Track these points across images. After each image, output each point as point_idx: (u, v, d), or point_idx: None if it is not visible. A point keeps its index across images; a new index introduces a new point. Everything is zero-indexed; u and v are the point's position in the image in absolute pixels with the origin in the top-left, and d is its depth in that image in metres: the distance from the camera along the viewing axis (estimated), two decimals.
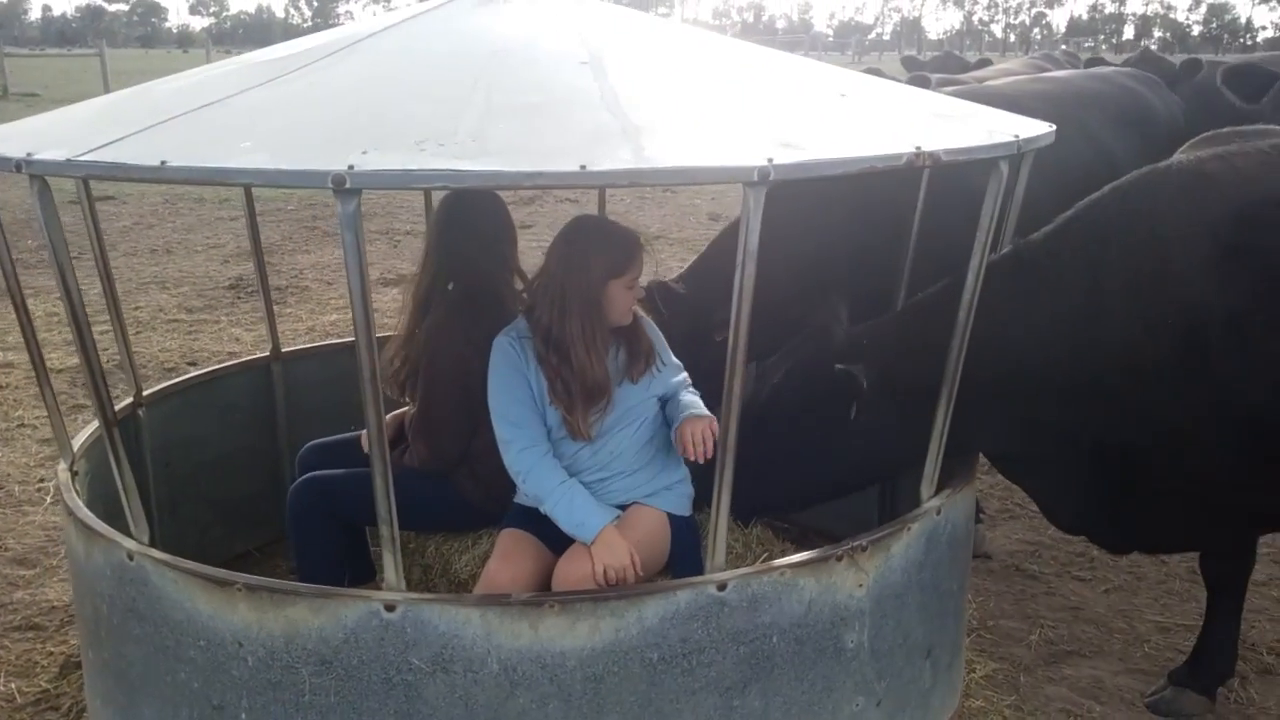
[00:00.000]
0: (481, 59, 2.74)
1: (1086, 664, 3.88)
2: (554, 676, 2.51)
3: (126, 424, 3.84)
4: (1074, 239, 3.04)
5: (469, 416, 3.36)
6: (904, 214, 3.96)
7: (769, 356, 3.56)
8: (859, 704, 2.86)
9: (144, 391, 4.05)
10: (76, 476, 3.33)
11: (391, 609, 2.49)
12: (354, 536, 3.68)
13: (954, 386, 2.92)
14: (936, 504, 3.00)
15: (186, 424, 4.23)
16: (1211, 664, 3.56)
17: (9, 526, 4.95)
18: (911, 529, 2.89)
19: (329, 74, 2.76)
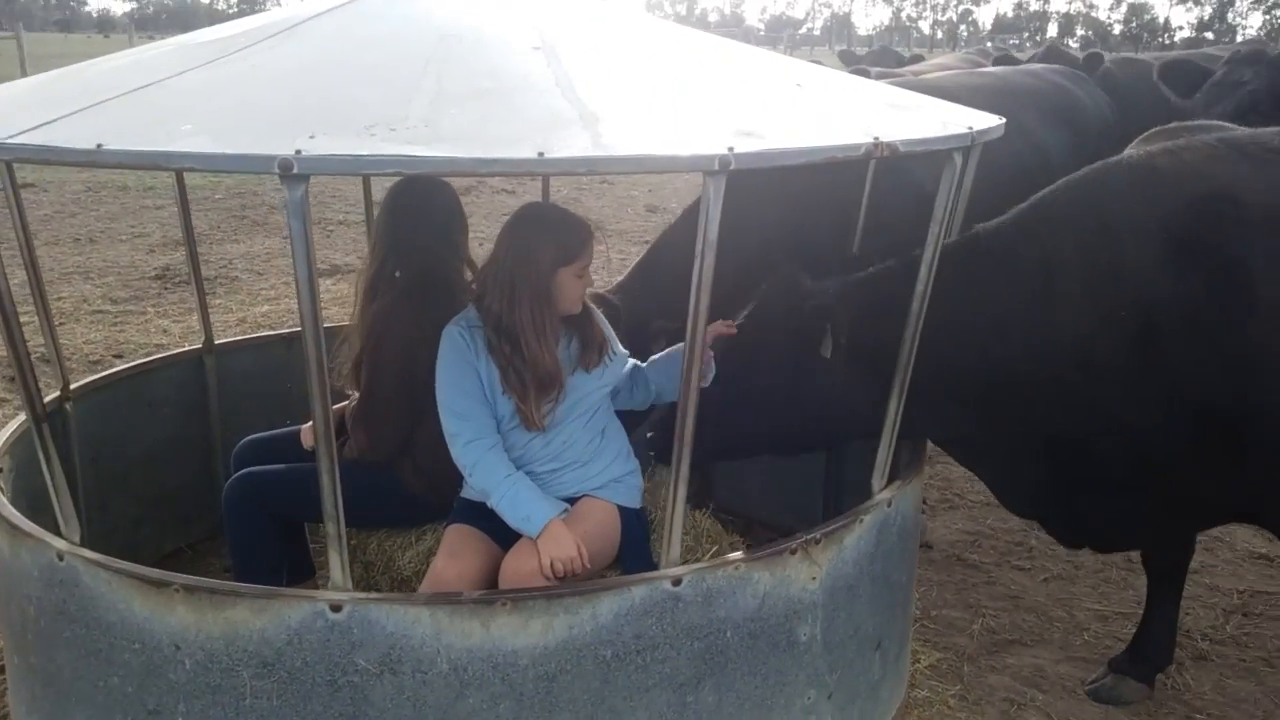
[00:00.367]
0: (430, 43, 2.66)
1: (1028, 652, 3.92)
2: (505, 676, 2.46)
3: (54, 419, 3.68)
4: (1028, 230, 3.05)
5: (412, 405, 3.28)
6: (846, 205, 3.96)
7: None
8: (811, 697, 2.85)
9: (71, 385, 3.90)
10: (0, 473, 3.20)
11: (337, 609, 2.42)
12: (292, 533, 3.60)
13: (905, 378, 2.92)
14: (888, 495, 3.00)
15: (116, 418, 4.09)
16: (1151, 652, 3.62)
17: None
18: (864, 521, 2.89)
19: (272, 55, 2.67)
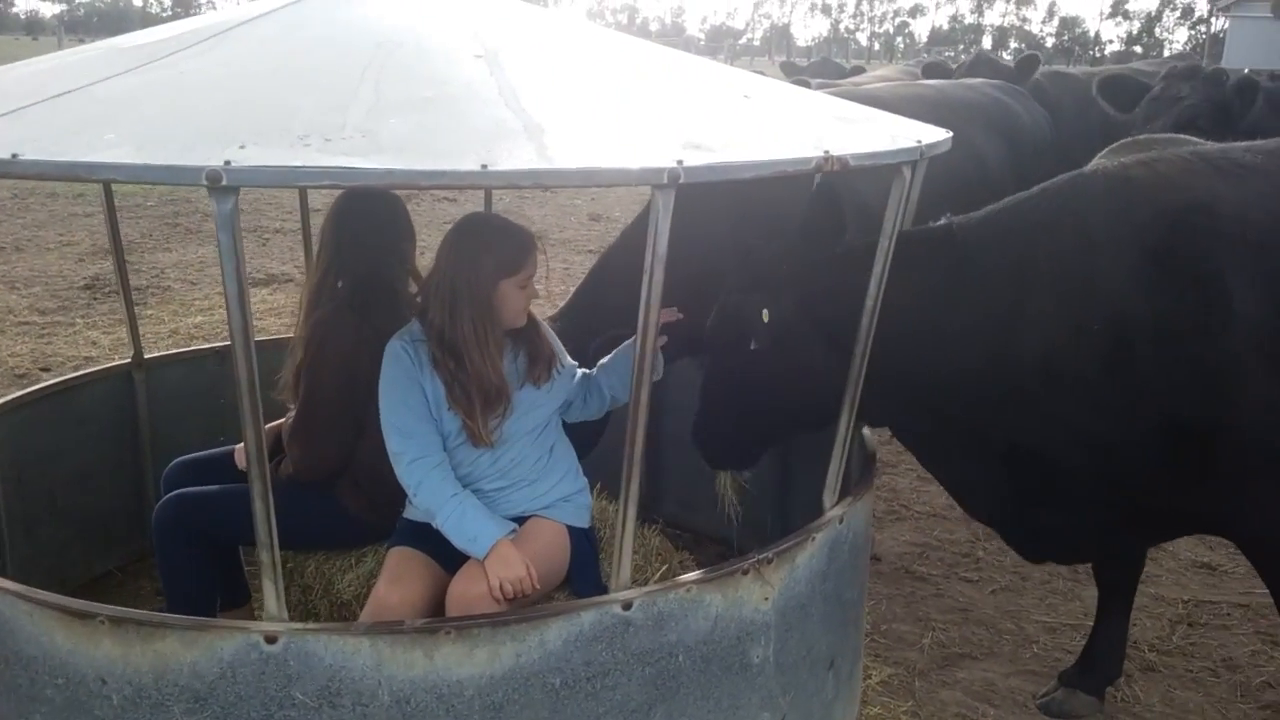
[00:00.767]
0: (367, 50, 2.56)
1: (978, 666, 3.90)
2: (450, 707, 2.37)
3: None
4: (1000, 237, 3.02)
5: (353, 418, 3.18)
6: (788, 215, 3.92)
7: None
8: None
9: None
10: None
11: (273, 640, 2.31)
12: (225, 557, 3.47)
13: (858, 387, 2.87)
14: (839, 512, 2.95)
15: (41, 436, 3.93)
16: (1101, 665, 3.61)
17: None
18: (815, 539, 2.84)
19: (201, 62, 2.56)
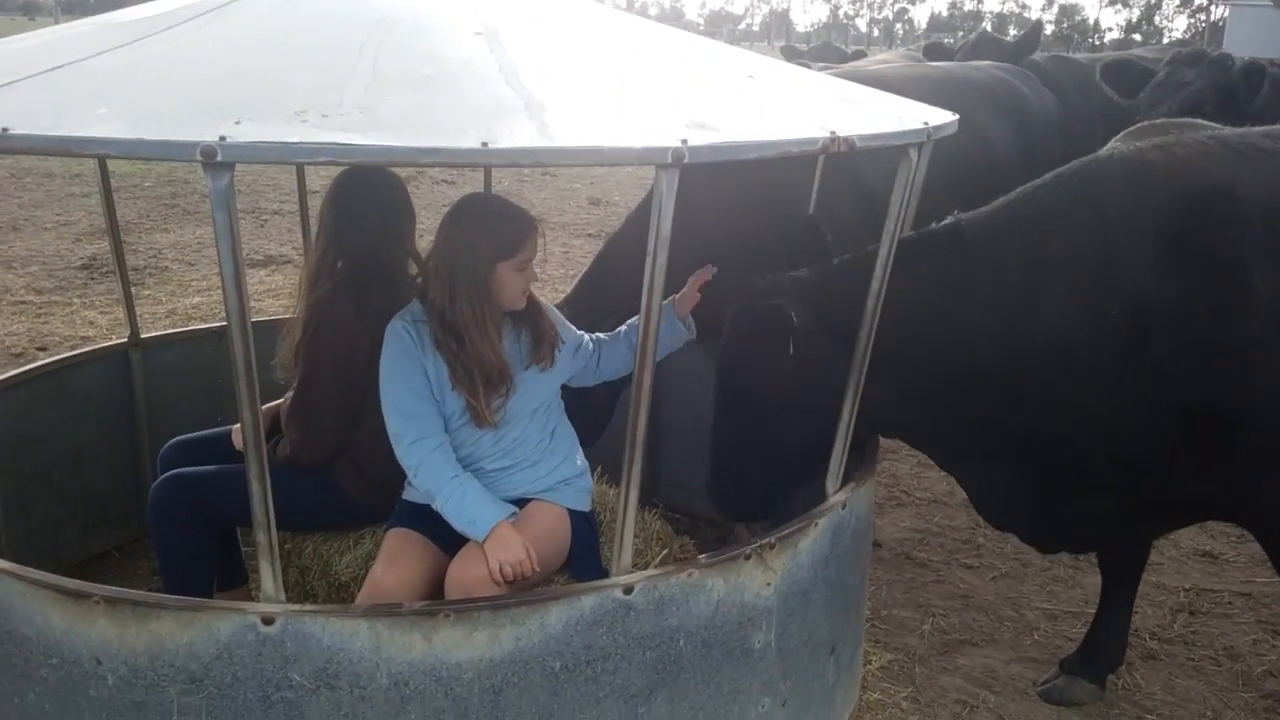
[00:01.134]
0: (366, 26, 2.52)
1: (979, 653, 3.88)
2: (449, 690, 2.35)
3: None
4: (1015, 223, 2.98)
5: (351, 399, 3.14)
6: (794, 199, 3.88)
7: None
8: (765, 705, 2.78)
9: None
10: None
11: (270, 622, 2.29)
12: (222, 538, 3.44)
13: (860, 380, 2.85)
14: (842, 498, 2.93)
15: (38, 415, 3.91)
16: (1103, 653, 3.59)
17: None
18: (818, 525, 2.82)
19: (197, 37, 2.51)
